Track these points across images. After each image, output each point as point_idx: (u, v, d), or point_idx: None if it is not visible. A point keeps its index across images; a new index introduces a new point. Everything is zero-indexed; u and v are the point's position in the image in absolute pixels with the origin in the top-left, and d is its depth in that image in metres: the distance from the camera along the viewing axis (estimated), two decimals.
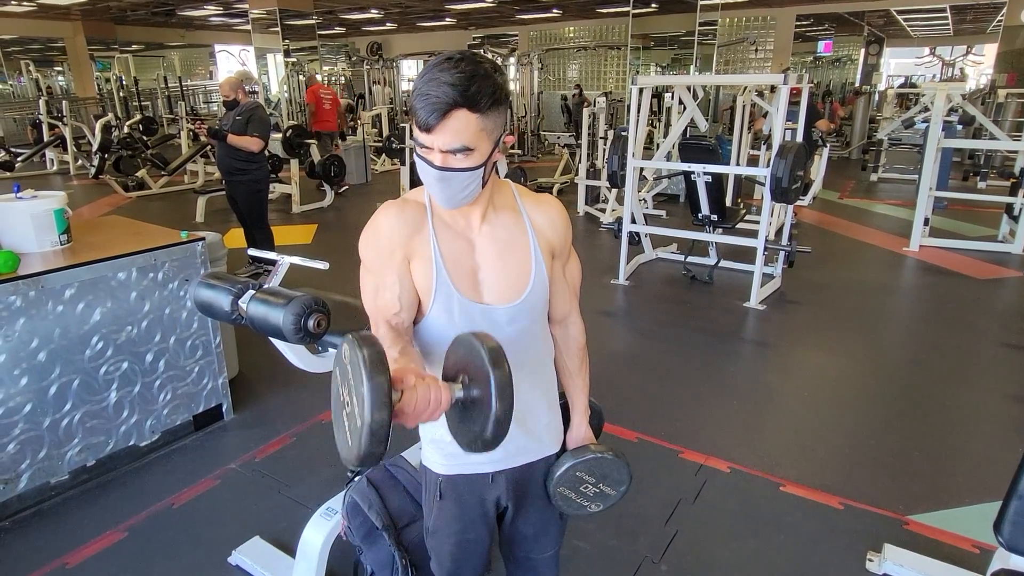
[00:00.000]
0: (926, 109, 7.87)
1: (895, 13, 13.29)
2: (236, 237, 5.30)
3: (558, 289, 1.22)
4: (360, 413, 0.83)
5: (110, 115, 10.25)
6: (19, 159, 9.64)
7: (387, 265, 1.10)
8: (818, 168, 7.26)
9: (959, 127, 8.12)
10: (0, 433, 2.20)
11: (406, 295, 1.10)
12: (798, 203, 5.12)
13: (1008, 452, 2.71)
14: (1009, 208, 5.76)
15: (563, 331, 1.29)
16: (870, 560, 2.07)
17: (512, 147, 10.85)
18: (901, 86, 14.55)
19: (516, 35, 17.05)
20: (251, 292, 1.59)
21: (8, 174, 8.74)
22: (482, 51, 15.76)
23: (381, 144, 10.44)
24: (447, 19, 16.19)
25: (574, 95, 11.54)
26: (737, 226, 5.03)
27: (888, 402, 3.20)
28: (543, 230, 1.17)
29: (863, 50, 15.63)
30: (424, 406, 0.89)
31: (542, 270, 1.15)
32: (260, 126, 4.52)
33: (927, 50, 17.43)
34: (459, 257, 1.12)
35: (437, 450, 1.23)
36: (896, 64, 19.62)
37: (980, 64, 17.09)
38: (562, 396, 1.34)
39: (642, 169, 5.72)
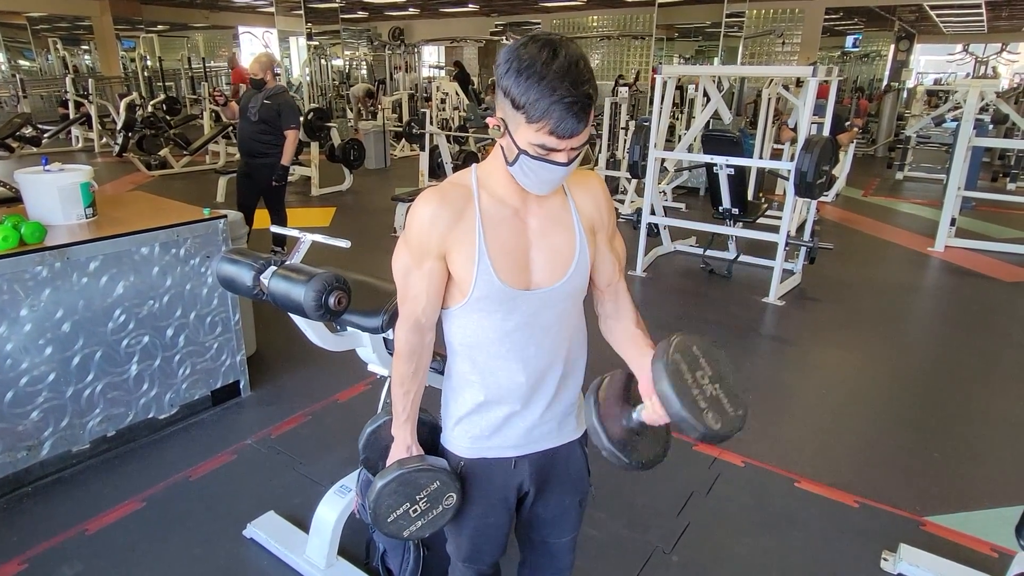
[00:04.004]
0: (957, 106, 7.70)
1: (928, 8, 12.95)
2: (257, 218, 5.32)
3: (605, 260, 1.20)
4: (427, 527, 1.23)
5: (134, 94, 10.34)
6: (46, 135, 9.77)
7: (423, 258, 1.10)
8: (842, 165, 7.14)
9: (991, 126, 7.93)
10: (24, 400, 2.25)
11: (433, 290, 1.12)
12: (821, 199, 5.04)
13: None
14: None
15: (615, 299, 1.24)
16: (885, 559, 2.05)
17: None
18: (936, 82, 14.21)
19: (539, 23, 16.89)
20: (273, 268, 1.60)
21: (35, 149, 8.86)
22: (504, 39, 15.71)
23: (401, 129, 10.44)
24: (470, 5, 16.08)
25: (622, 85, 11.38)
26: (758, 221, 4.97)
27: (907, 402, 3.16)
28: (585, 209, 1.15)
29: (892, 46, 15.28)
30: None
31: (585, 252, 1.13)
32: (294, 115, 4.50)
33: (959, 47, 17.01)
34: (508, 239, 1.10)
35: (463, 432, 1.22)
36: (926, 61, 19.19)
37: (1014, 63, 16.67)
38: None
39: (663, 160, 5.66)
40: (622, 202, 6.85)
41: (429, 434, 1.30)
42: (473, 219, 1.08)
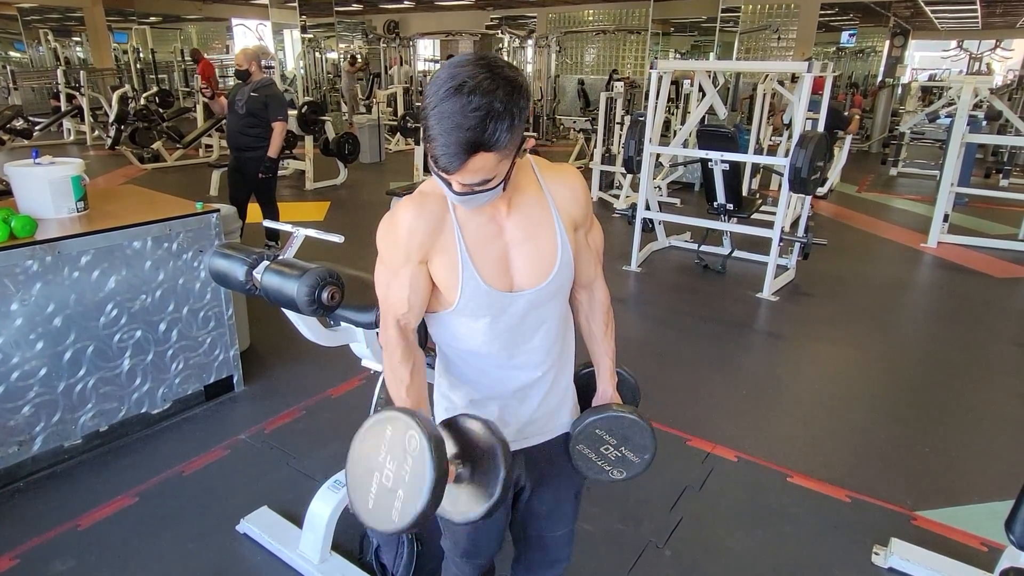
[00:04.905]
0: (951, 103, 7.72)
1: (923, 4, 12.96)
2: (250, 212, 5.30)
3: (583, 257, 1.20)
4: (410, 496, 0.93)
5: (127, 87, 10.26)
6: (37, 128, 9.69)
7: (402, 267, 1.09)
8: (836, 160, 7.15)
9: (984, 122, 7.96)
10: (16, 395, 2.24)
11: (416, 297, 1.10)
12: (816, 194, 5.06)
13: (1020, 452, 2.69)
14: None
15: (589, 295, 1.27)
16: (876, 554, 2.06)
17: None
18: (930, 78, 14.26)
19: (535, 17, 16.81)
20: (266, 263, 1.59)
21: (26, 142, 8.79)
22: (500, 32, 15.63)
23: (396, 123, 10.40)
24: None
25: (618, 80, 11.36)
26: (752, 216, 4.97)
27: (900, 398, 3.18)
28: (565, 205, 1.14)
29: (888, 42, 15.31)
30: None
31: (568, 250, 1.13)
32: (282, 108, 4.44)
33: (954, 43, 17.06)
34: (487, 244, 1.09)
35: None
36: (921, 57, 19.24)
37: (1008, 59, 16.73)
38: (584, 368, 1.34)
39: (658, 156, 5.66)
40: (617, 197, 6.85)
41: None
42: (451, 228, 1.07)
